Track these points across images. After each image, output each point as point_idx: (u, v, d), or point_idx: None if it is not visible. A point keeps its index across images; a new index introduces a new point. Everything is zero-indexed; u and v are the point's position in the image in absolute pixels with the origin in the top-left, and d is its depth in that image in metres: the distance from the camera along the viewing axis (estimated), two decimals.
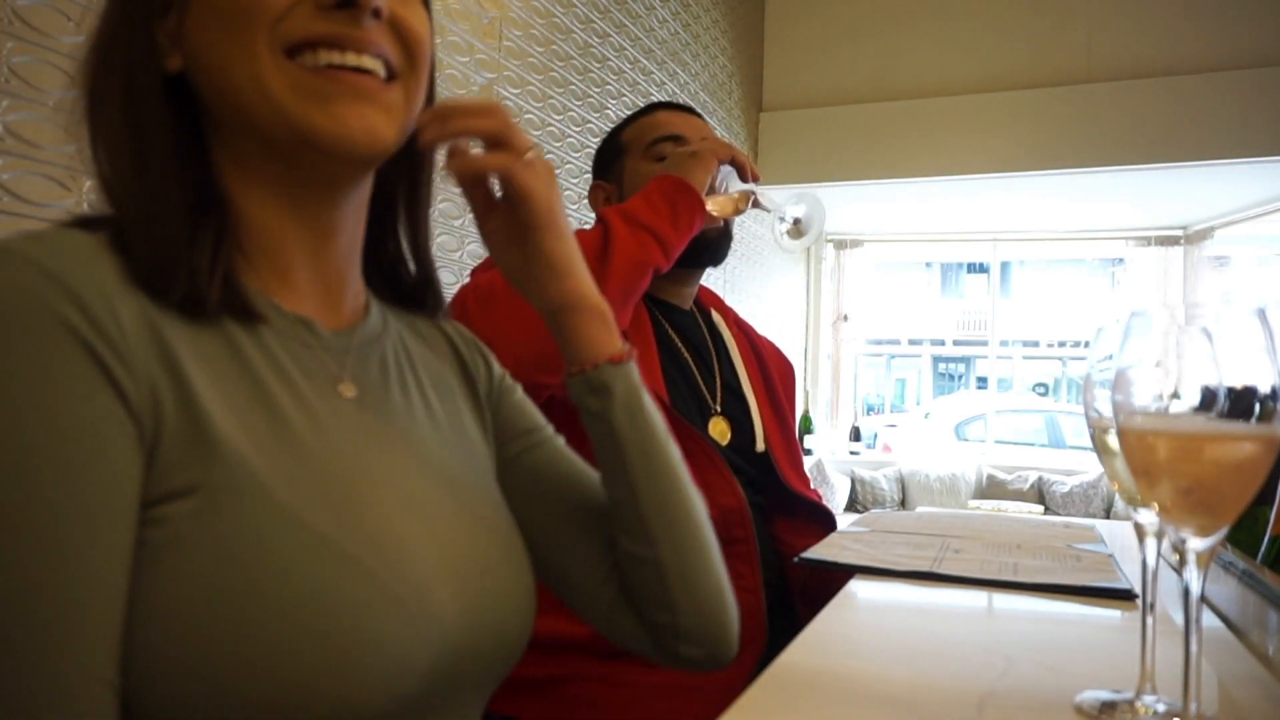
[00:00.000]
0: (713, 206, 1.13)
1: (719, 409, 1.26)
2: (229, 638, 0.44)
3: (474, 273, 1.25)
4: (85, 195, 1.27)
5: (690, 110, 1.36)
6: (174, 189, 0.52)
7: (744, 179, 1.18)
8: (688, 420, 1.15)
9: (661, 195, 1.08)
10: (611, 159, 1.34)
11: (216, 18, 0.52)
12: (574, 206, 2.73)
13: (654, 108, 1.37)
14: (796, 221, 1.20)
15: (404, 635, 0.49)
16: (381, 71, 0.55)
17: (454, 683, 0.54)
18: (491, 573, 0.58)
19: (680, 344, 1.28)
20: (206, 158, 0.55)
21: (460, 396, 0.68)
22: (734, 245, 1.38)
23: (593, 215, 3.05)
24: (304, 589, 0.46)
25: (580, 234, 1.01)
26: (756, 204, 1.19)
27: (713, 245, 1.30)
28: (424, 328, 0.70)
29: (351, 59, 0.53)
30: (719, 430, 1.24)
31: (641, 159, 1.29)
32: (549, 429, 0.73)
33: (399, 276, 0.68)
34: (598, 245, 1.03)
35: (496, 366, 0.72)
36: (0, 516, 0.41)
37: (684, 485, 0.66)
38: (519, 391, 0.73)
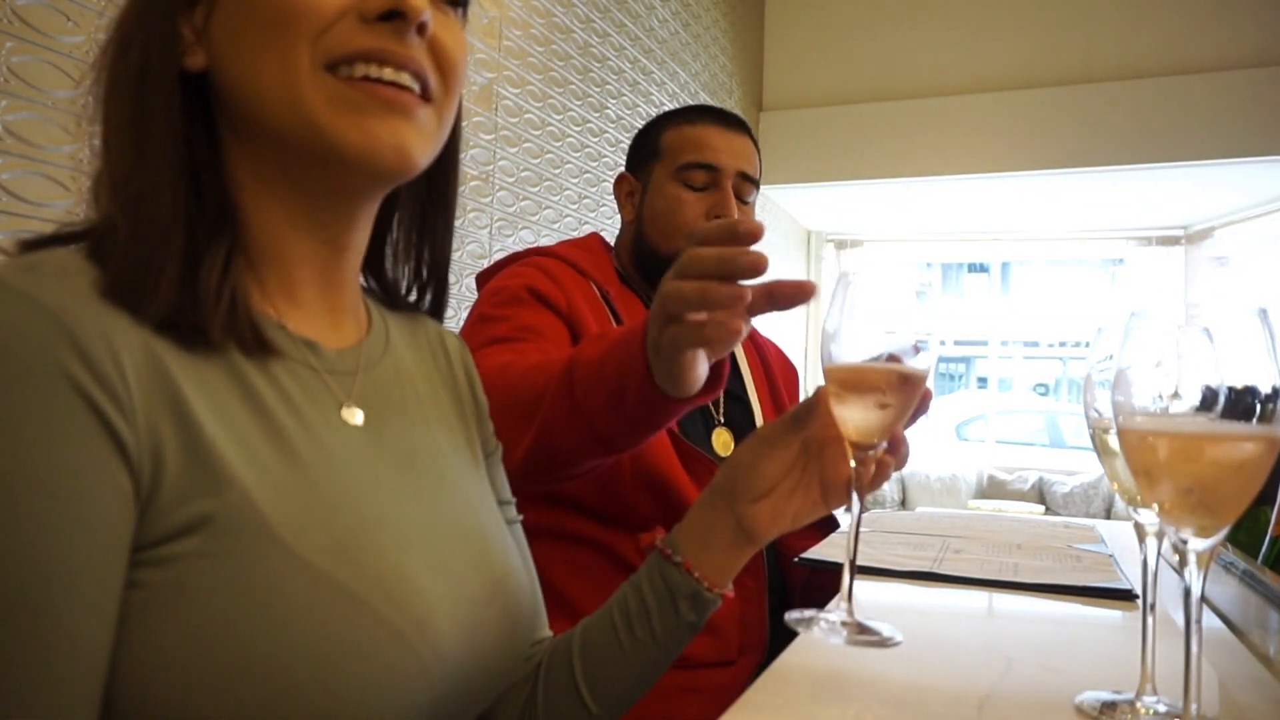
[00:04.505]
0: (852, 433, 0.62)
1: (722, 419, 1.25)
2: (231, 683, 0.43)
3: (480, 278, 1.23)
4: (85, 195, 1.27)
5: (740, 125, 1.28)
6: (170, 190, 0.50)
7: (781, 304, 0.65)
8: (693, 441, 1.15)
9: (635, 402, 0.74)
10: (645, 157, 1.29)
11: (252, 22, 0.50)
12: (573, 206, 2.73)
13: (702, 114, 1.28)
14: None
15: (408, 672, 0.49)
16: (417, 90, 0.53)
17: (453, 711, 0.54)
18: (493, 600, 0.58)
19: None
20: (221, 167, 0.54)
21: (455, 418, 0.67)
22: None
23: (595, 213, 3.05)
24: (309, 633, 0.45)
25: (519, 376, 0.85)
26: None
27: None
28: (422, 338, 0.69)
29: (389, 74, 0.51)
30: (722, 442, 1.23)
31: (670, 178, 1.24)
32: (514, 508, 0.71)
33: (395, 281, 0.68)
34: (526, 402, 0.82)
35: (489, 422, 0.71)
36: None
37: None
38: (499, 452, 0.72)
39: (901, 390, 0.59)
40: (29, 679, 0.40)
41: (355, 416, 0.56)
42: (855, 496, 0.63)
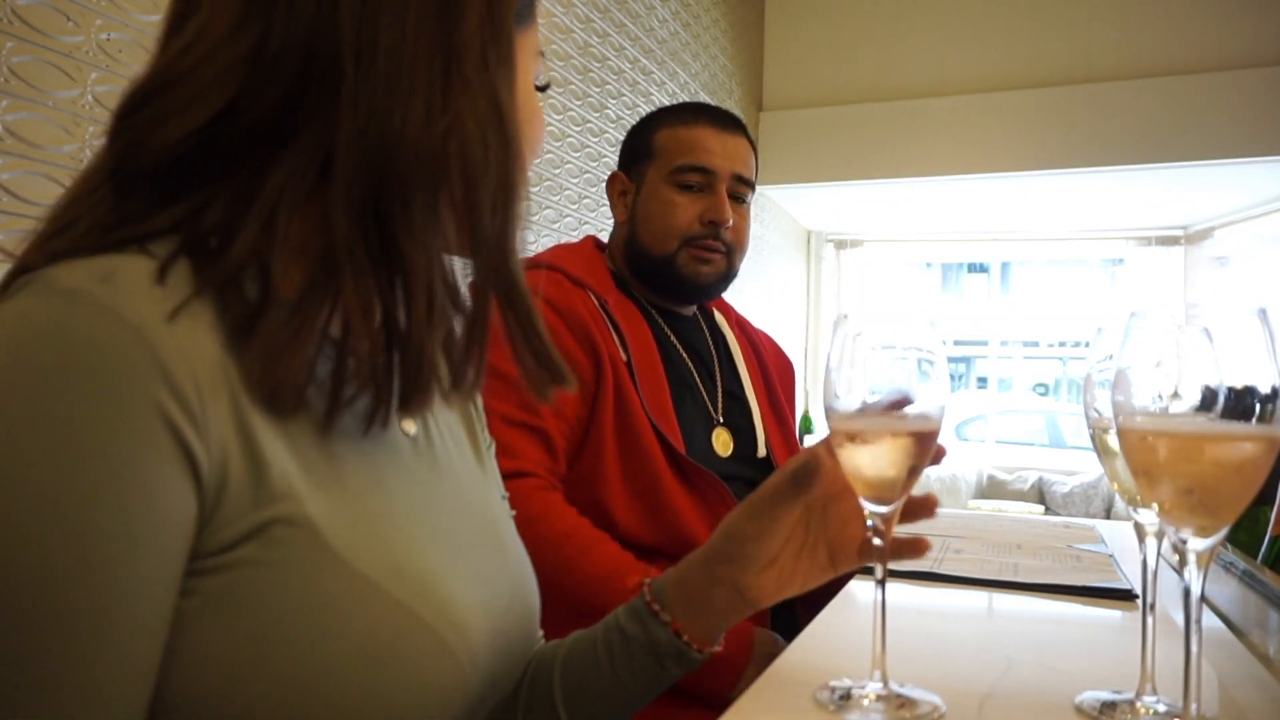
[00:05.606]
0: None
1: (721, 419, 1.25)
2: (280, 689, 0.44)
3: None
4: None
5: (735, 125, 1.27)
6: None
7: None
8: (695, 443, 1.15)
9: None
10: (638, 157, 1.28)
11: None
12: (573, 206, 2.73)
13: (698, 114, 1.26)
14: None
15: (449, 678, 0.49)
16: None
17: (477, 710, 0.55)
18: (514, 602, 0.59)
19: (684, 353, 1.26)
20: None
21: (460, 417, 0.67)
22: None
23: (595, 214, 3.04)
24: (360, 642, 0.46)
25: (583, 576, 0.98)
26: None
27: (712, 289, 1.29)
28: None
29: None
30: (722, 442, 1.22)
31: (664, 180, 1.23)
32: (508, 503, 0.70)
33: None
34: (585, 598, 0.96)
35: (484, 415, 0.71)
36: (40, 588, 0.39)
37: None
38: (493, 448, 0.71)
39: (921, 439, 0.57)
40: (77, 694, 0.40)
41: (412, 427, 0.57)
42: (879, 564, 0.59)
